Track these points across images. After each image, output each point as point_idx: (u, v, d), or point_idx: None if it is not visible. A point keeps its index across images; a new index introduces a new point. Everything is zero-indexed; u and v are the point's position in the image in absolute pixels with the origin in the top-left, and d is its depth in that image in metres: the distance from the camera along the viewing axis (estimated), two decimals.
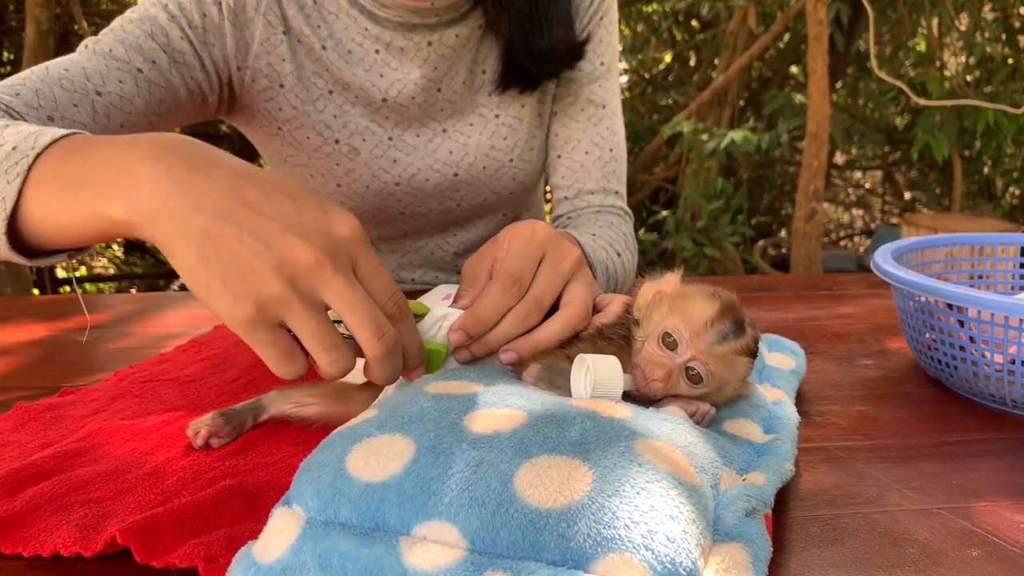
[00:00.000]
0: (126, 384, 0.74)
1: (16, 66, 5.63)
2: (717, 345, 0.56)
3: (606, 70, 1.04)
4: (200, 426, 0.61)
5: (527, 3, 0.93)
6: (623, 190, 1.07)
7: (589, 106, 1.03)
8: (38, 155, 0.56)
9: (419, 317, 0.62)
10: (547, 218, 1.19)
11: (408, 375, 0.56)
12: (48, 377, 0.80)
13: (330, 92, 0.95)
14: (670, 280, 0.61)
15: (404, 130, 0.99)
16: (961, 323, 0.70)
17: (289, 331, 0.51)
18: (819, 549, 0.49)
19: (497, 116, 1.01)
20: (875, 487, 0.57)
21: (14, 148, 0.57)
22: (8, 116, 0.74)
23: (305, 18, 0.93)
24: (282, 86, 0.94)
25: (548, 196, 1.18)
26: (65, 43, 5.49)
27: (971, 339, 0.70)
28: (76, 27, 4.92)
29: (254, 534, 0.45)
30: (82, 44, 0.86)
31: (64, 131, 0.58)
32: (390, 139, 0.99)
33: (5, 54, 5.89)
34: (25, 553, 0.48)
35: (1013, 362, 0.67)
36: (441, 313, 0.63)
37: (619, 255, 0.95)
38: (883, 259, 0.77)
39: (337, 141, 0.97)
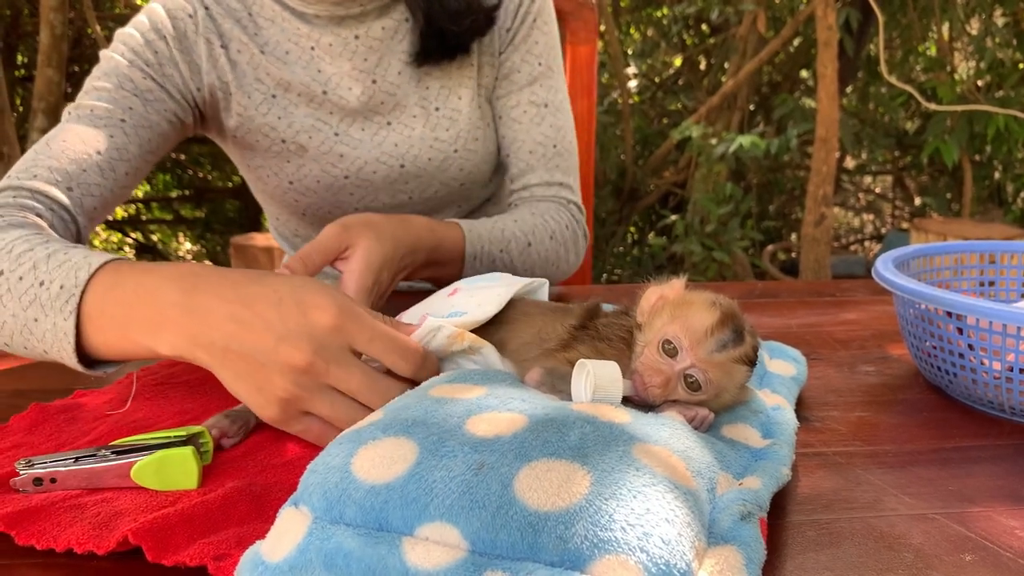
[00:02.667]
0: (138, 387, 0.76)
1: (30, 69, 5.68)
2: (716, 353, 0.57)
3: (546, 69, 1.10)
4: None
5: None
6: (569, 179, 1.13)
7: (531, 107, 1.10)
8: (83, 292, 0.67)
9: None
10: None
11: None
12: (62, 379, 0.82)
13: (273, 96, 1.03)
14: (674, 286, 0.62)
15: (349, 125, 1.05)
16: (960, 330, 0.71)
17: None
18: (815, 553, 0.50)
19: (437, 109, 1.06)
20: (872, 492, 0.58)
21: (61, 287, 0.68)
22: (35, 204, 0.84)
23: (242, 29, 1.02)
24: (230, 95, 1.02)
25: None
26: (78, 47, 5.54)
27: (970, 346, 0.70)
28: (89, 30, 4.97)
29: (262, 534, 0.46)
30: (64, 113, 0.95)
31: (96, 261, 0.68)
32: (336, 134, 1.05)
33: (20, 58, 5.94)
34: (38, 546, 0.49)
35: (1011, 369, 0.68)
36: (436, 324, 0.65)
37: (530, 244, 1.02)
38: (884, 267, 0.78)
39: (284, 140, 1.04)
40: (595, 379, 0.56)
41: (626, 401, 0.58)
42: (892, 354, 0.87)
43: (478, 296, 0.71)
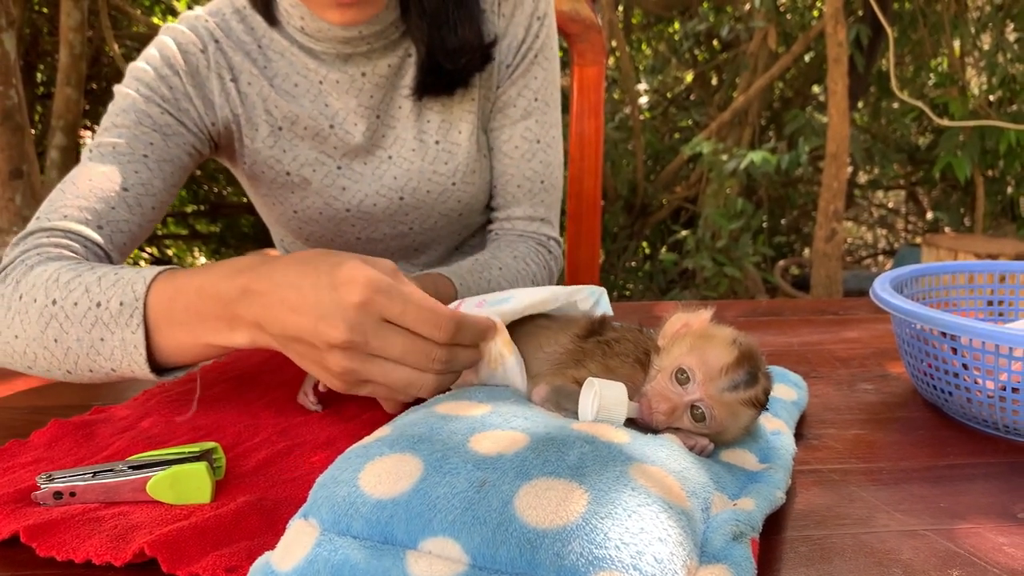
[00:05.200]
0: (154, 403, 0.78)
1: (49, 87, 5.76)
2: (727, 392, 0.58)
3: (541, 104, 1.11)
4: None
5: (443, 9, 1.00)
6: (551, 215, 1.16)
7: (523, 143, 1.11)
8: (144, 304, 0.70)
9: None
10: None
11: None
12: (81, 395, 0.84)
13: (279, 128, 1.04)
14: (701, 316, 0.63)
15: (352, 159, 1.07)
16: (955, 350, 0.72)
17: None
18: (806, 568, 0.52)
19: (436, 142, 1.08)
20: (865, 509, 0.59)
21: (121, 304, 0.71)
22: (69, 242, 0.86)
23: (252, 62, 1.02)
24: (238, 127, 1.04)
25: None
26: (97, 65, 5.61)
27: (964, 366, 0.72)
28: (108, 49, 5.04)
29: (272, 546, 0.49)
30: (85, 151, 0.96)
31: (148, 273, 0.72)
32: (339, 168, 1.07)
33: (39, 76, 6.03)
34: (59, 557, 0.52)
35: (1005, 388, 0.69)
36: (483, 314, 0.68)
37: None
38: (881, 287, 0.80)
39: (288, 173, 1.06)
40: (601, 399, 0.58)
41: (631, 423, 0.59)
42: (891, 372, 0.88)
43: (530, 291, 0.72)
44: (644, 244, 5.90)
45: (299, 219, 1.10)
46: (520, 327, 0.71)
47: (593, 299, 0.74)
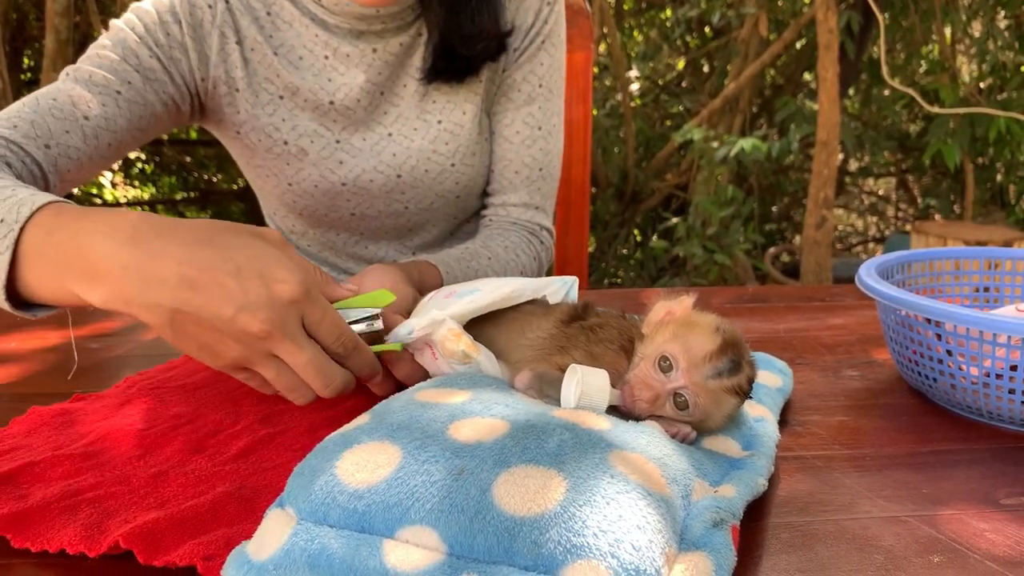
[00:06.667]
0: (134, 391, 0.77)
1: (36, 73, 5.71)
2: (711, 380, 0.58)
3: (546, 91, 1.10)
4: None
5: None
6: (547, 204, 1.15)
7: (524, 128, 1.10)
8: (22, 228, 0.66)
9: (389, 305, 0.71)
10: None
11: (369, 384, 0.71)
12: (61, 383, 0.83)
13: (280, 97, 1.03)
14: (683, 303, 0.63)
15: (351, 133, 1.06)
16: (939, 336, 0.72)
17: None
18: (787, 554, 0.52)
19: (439, 122, 1.07)
20: (848, 495, 0.59)
21: (1, 220, 0.66)
22: (5, 152, 0.83)
23: (259, 28, 1.01)
24: (237, 91, 1.03)
25: None
26: (83, 51, 5.56)
27: (948, 352, 0.72)
28: (95, 34, 5.00)
29: (250, 534, 0.48)
30: (63, 72, 0.94)
31: (41, 199, 0.67)
32: (337, 142, 1.06)
33: (26, 61, 5.98)
34: (33, 548, 0.51)
35: (988, 375, 0.69)
36: (440, 317, 0.67)
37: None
38: (866, 273, 0.79)
39: (286, 143, 1.05)
40: (583, 386, 0.57)
41: (613, 410, 0.59)
42: (877, 359, 0.88)
43: (498, 284, 0.72)
44: (635, 231, 5.89)
45: (293, 192, 1.09)
46: (502, 313, 0.71)
47: (564, 290, 0.74)
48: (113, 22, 0.98)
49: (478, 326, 0.70)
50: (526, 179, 1.12)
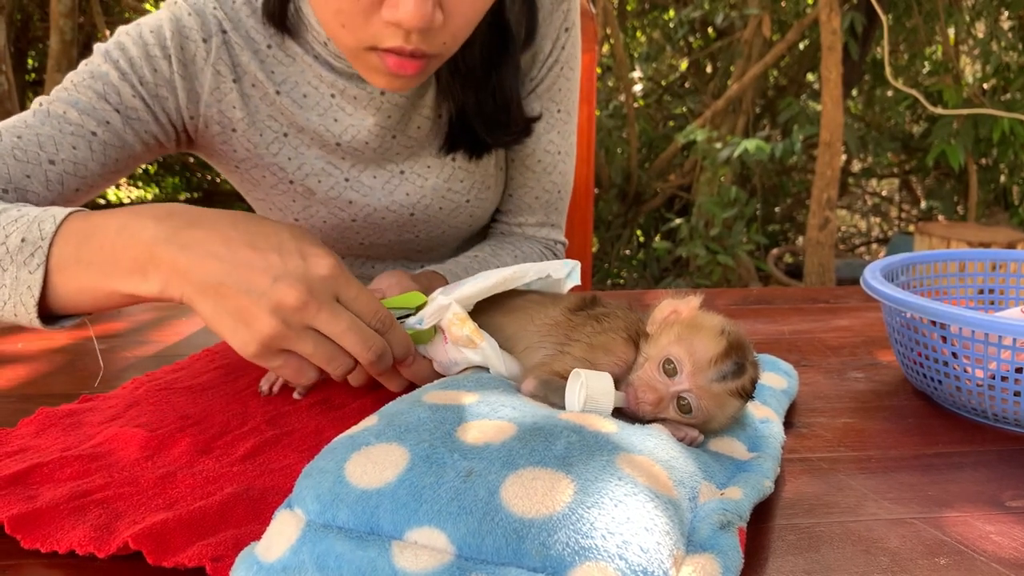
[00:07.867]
0: (142, 392, 0.78)
1: (40, 74, 5.72)
2: (715, 383, 0.58)
3: (565, 115, 1.08)
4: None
5: (481, 68, 0.95)
6: (562, 220, 1.14)
7: (545, 156, 1.07)
8: (50, 244, 0.67)
9: (421, 308, 0.73)
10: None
11: (401, 367, 0.70)
12: (69, 384, 0.84)
13: (285, 135, 0.97)
14: (690, 303, 0.62)
15: (361, 171, 1.01)
16: (944, 339, 0.72)
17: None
18: (793, 556, 0.52)
19: (453, 159, 1.03)
20: (853, 497, 0.59)
21: (22, 241, 0.67)
22: None
23: (259, 63, 0.94)
24: (234, 131, 0.96)
25: None
26: (88, 52, 5.57)
27: (954, 354, 0.72)
28: (100, 35, 5.01)
29: (259, 535, 0.48)
30: (35, 102, 0.88)
31: (61, 213, 0.68)
32: (346, 180, 1.01)
33: (30, 62, 5.99)
34: (43, 549, 0.51)
35: (994, 377, 0.69)
36: (446, 302, 0.69)
37: None
38: (871, 275, 0.80)
39: (291, 181, 0.99)
40: (587, 389, 0.57)
41: (618, 412, 0.59)
42: (881, 360, 0.88)
43: (499, 270, 0.72)
44: (638, 232, 5.89)
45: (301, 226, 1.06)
46: (510, 301, 0.72)
47: (567, 269, 0.74)
48: (97, 47, 0.91)
49: (487, 314, 0.71)
50: (545, 204, 1.10)
